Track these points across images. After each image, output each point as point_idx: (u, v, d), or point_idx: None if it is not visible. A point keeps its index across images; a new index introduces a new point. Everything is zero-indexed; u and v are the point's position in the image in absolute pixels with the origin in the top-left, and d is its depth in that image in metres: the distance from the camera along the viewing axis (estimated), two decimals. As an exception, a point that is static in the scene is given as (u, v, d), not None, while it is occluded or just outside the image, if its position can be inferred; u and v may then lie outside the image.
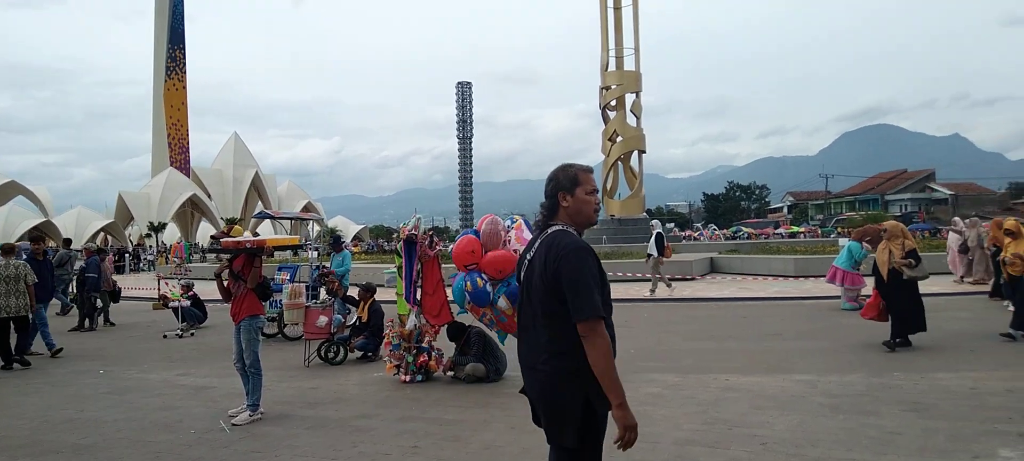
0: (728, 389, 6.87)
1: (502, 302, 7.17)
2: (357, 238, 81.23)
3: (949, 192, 78.97)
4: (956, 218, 19.19)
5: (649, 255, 16.67)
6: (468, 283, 7.24)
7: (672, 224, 68.40)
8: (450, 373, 7.72)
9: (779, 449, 4.94)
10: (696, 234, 57.43)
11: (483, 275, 7.24)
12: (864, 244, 12.88)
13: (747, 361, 8.29)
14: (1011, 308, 10.73)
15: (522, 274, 2.86)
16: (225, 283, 6.59)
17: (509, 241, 7.32)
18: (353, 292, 10.24)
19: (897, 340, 8.49)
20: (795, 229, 58.77)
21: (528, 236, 7.15)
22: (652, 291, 16.11)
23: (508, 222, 7.63)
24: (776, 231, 57.94)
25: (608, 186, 33.21)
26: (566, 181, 2.77)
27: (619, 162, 32.89)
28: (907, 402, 6.05)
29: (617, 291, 16.78)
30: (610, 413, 2.60)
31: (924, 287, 8.85)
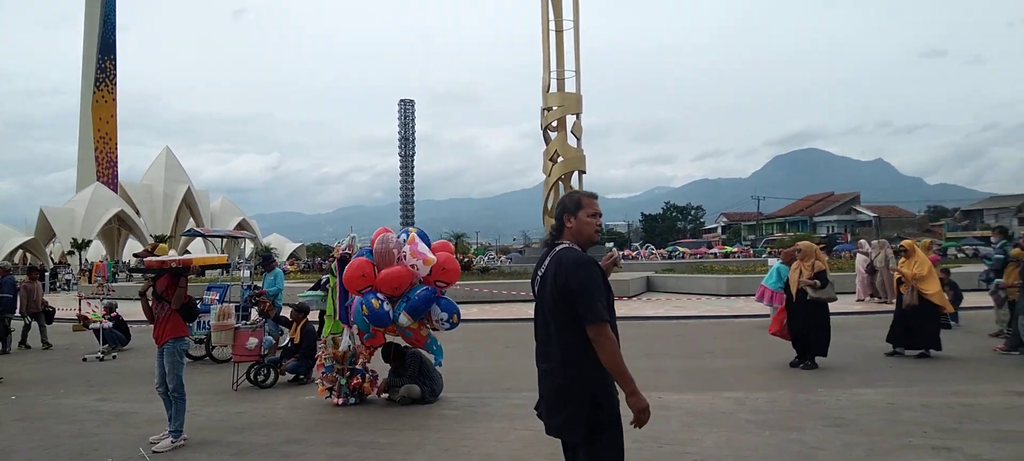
0: (661, 407, 6.96)
1: (403, 319, 6.97)
2: (294, 256, 79.49)
3: (873, 214, 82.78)
4: (862, 240, 20.10)
5: None
6: (364, 306, 6.97)
7: (611, 243, 69.44)
8: (385, 395, 7.59)
9: (708, 466, 5.04)
10: (634, 253, 58.44)
11: (379, 295, 6.98)
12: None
13: (680, 379, 8.44)
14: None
15: (536, 289, 3.20)
16: (149, 303, 6.34)
17: (404, 257, 7.08)
18: (287, 312, 9.99)
19: (803, 361, 8.73)
20: (728, 249, 60.51)
21: (424, 250, 7.04)
22: None
23: (402, 235, 7.41)
24: (710, 251, 59.50)
25: (549, 205, 33.50)
26: (571, 205, 3.18)
27: (560, 182, 33.25)
28: (829, 417, 6.26)
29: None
30: (625, 400, 2.94)
31: (833, 306, 9.07)
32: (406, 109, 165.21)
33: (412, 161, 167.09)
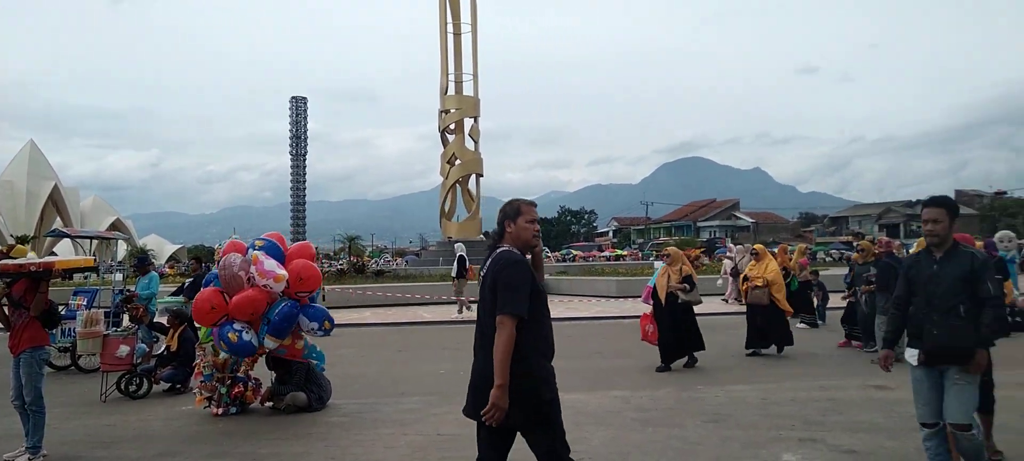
0: (567, 408, 7.08)
1: (269, 342, 6.75)
2: (173, 259, 75.05)
3: (751, 220, 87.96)
4: (729, 244, 21.33)
5: (453, 278, 16.82)
6: (223, 343, 6.66)
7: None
8: (269, 404, 7.29)
9: (593, 464, 5.17)
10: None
11: (236, 325, 6.63)
12: None
13: (570, 379, 8.58)
14: (801, 325, 12.12)
15: (480, 285, 3.46)
16: (5, 310, 5.80)
17: (252, 278, 6.68)
18: (164, 318, 9.40)
19: (669, 365, 8.90)
20: (618, 252, 62.51)
21: (272, 267, 6.69)
22: (460, 311, 16.15)
23: (249, 248, 7.01)
24: (601, 254, 61.25)
25: (446, 208, 33.44)
26: (512, 212, 3.48)
27: (457, 184, 33.27)
28: (709, 413, 6.58)
29: (449, 313, 16.84)
30: (492, 390, 3.14)
31: (699, 308, 9.40)
32: (298, 106, 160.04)
33: (304, 160, 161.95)
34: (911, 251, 10.36)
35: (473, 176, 33.54)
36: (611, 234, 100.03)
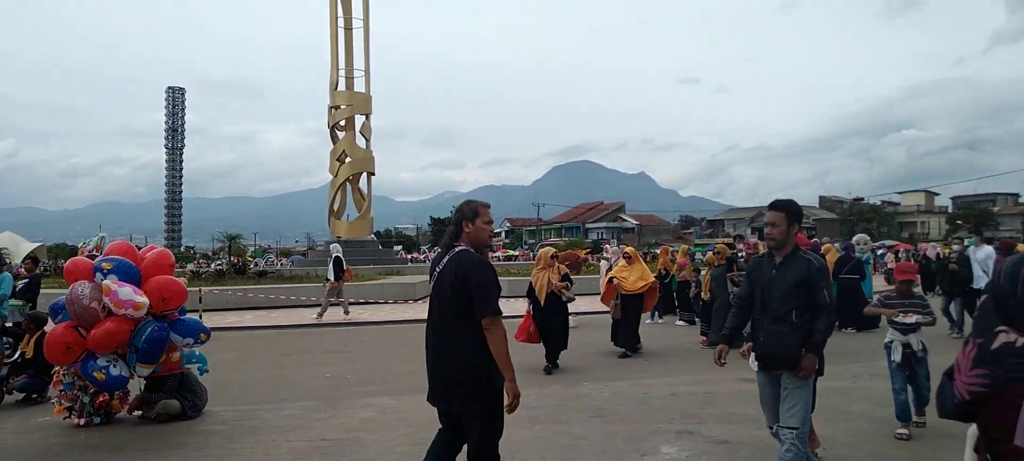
0: (441, 409, 7.06)
1: (142, 371, 6.38)
2: (31, 257, 68.80)
3: (636, 222, 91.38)
4: (606, 244, 22.13)
5: (327, 279, 16.29)
6: (90, 385, 6.24)
7: (400, 246, 69.25)
8: (138, 413, 6.81)
9: (482, 463, 5.19)
10: (422, 257, 58.79)
11: (99, 362, 6.21)
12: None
13: (460, 380, 8.60)
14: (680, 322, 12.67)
15: (432, 283, 3.70)
16: None
17: (107, 308, 6.21)
18: (25, 322, 8.59)
19: (556, 361, 9.08)
20: (510, 252, 63.22)
21: (128, 295, 6.17)
22: (320, 315, 15.31)
23: (96, 272, 6.40)
24: (494, 254, 61.78)
25: (335, 207, 32.59)
26: (470, 213, 3.71)
27: (348, 183, 32.49)
28: (593, 409, 6.77)
29: (337, 315, 16.42)
30: (505, 385, 3.48)
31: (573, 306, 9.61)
32: (175, 97, 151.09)
33: (181, 154, 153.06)
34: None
35: (364, 174, 32.85)
36: (503, 234, 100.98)
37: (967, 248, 12.37)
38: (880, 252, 28.76)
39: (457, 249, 3.65)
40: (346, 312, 15.75)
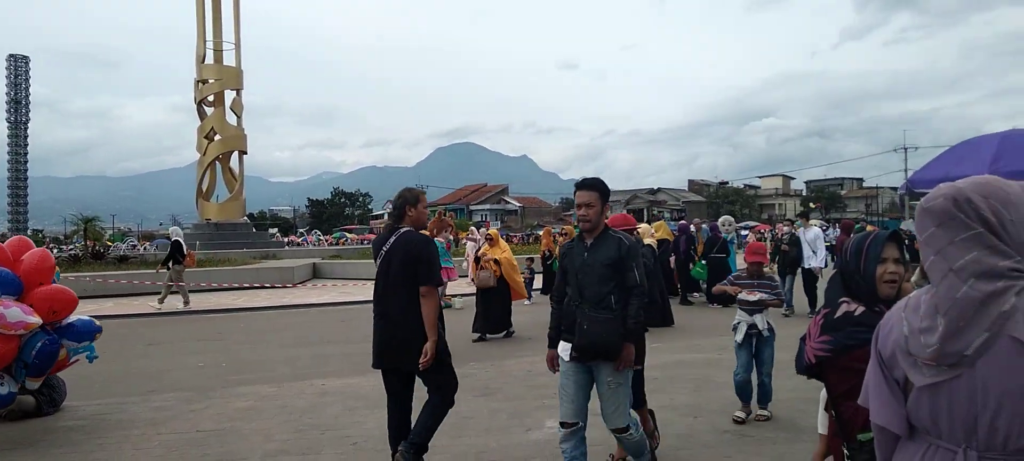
0: (324, 394, 6.92)
1: (32, 385, 5.91)
2: None
3: (519, 204, 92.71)
4: (472, 227, 22.40)
5: (168, 265, 15.13)
6: None
7: (275, 229, 66.51)
8: (-18, 412, 6.19)
9: (369, 446, 5.16)
10: (299, 240, 56.92)
11: None
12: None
13: (343, 364, 8.46)
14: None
15: (380, 261, 4.26)
16: None
17: None
18: None
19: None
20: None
21: (17, 317, 5.55)
22: (160, 302, 14.48)
23: None
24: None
25: (204, 187, 30.79)
26: (412, 198, 4.32)
27: (217, 162, 30.79)
28: (479, 388, 6.86)
29: (209, 301, 15.61)
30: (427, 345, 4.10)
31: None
32: (18, 66, 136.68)
33: (25, 129, 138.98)
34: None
35: (235, 153, 31.23)
36: (387, 216, 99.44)
37: (797, 229, 12.83)
38: (743, 233, 30.85)
39: (402, 230, 4.23)
40: (186, 302, 14.63)
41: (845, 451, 2.33)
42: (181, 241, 14.96)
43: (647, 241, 13.54)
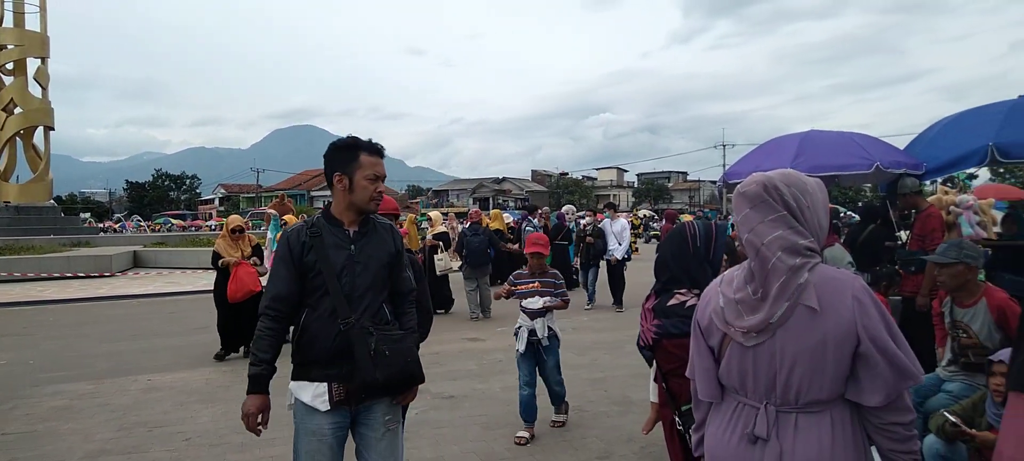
0: (151, 389, 6.49)
1: None
2: None
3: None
4: (304, 215, 22.04)
5: None
6: None
7: (87, 213, 60.24)
8: None
9: (202, 442, 4.94)
10: (117, 226, 52.04)
11: None
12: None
13: (172, 358, 7.98)
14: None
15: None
16: None
17: None
18: None
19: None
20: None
21: None
22: None
23: None
24: (207, 223, 57.04)
25: (3, 167, 27.25)
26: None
27: (19, 138, 27.36)
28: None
29: (11, 293, 13.95)
30: None
31: None
32: None
33: None
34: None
35: (40, 129, 27.91)
36: (218, 202, 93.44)
37: (603, 221, 12.41)
38: (584, 220, 32.32)
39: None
40: None
41: (676, 417, 2.58)
42: None
43: (495, 225, 13.94)
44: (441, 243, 11.76)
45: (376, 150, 2.76)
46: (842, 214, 19.88)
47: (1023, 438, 1.73)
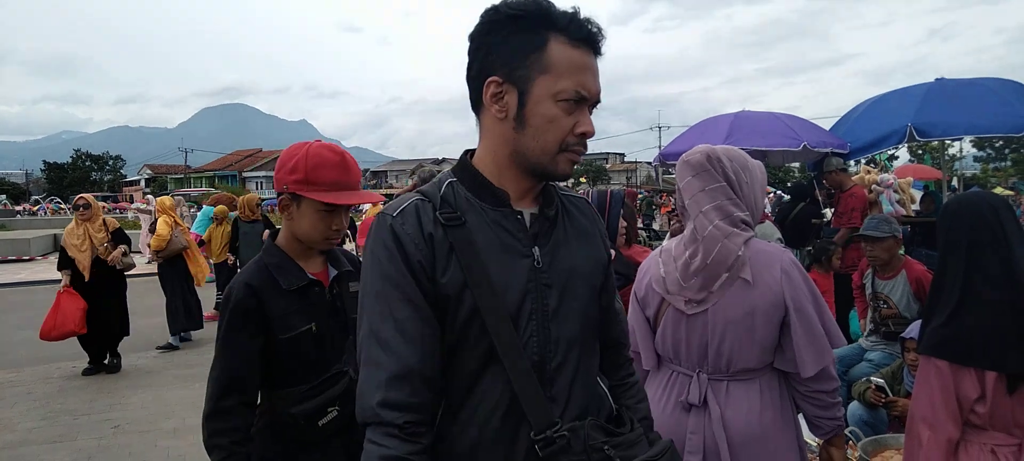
0: (75, 377, 6.24)
1: None
2: None
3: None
4: (148, 195, 21.78)
5: None
6: None
7: (3, 195, 56.99)
8: None
9: (132, 428, 4.80)
10: (35, 208, 49.39)
11: None
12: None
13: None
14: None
15: None
16: None
17: None
18: None
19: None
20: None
21: None
22: None
23: None
24: (132, 205, 54.87)
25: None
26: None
27: (-81, 114, 25.55)
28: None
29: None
30: None
31: None
32: None
33: None
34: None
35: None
36: (143, 183, 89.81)
37: None
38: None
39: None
40: None
41: None
42: None
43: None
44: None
45: (585, 32, 1.22)
46: (772, 194, 20.59)
47: (933, 398, 1.86)
